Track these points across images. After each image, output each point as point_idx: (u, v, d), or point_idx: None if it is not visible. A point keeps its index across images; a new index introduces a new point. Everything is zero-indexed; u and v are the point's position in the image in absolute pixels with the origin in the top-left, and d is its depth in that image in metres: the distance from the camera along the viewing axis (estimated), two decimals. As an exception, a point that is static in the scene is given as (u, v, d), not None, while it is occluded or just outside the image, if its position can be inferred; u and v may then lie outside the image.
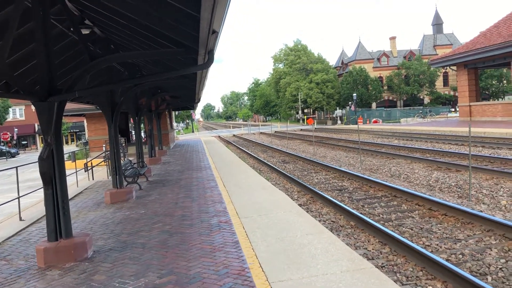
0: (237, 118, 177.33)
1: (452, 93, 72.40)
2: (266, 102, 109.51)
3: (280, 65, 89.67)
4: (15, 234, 8.66)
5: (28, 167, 26.46)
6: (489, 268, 6.14)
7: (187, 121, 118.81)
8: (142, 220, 8.79)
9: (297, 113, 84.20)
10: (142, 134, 26.43)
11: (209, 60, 6.87)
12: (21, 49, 8.02)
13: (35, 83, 8.70)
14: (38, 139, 70.91)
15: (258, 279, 5.09)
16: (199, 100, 28.67)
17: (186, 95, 23.77)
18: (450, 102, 72.23)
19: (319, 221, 9.06)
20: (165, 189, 12.65)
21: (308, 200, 11.58)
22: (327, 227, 8.48)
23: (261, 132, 54.37)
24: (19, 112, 70.06)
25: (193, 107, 43.11)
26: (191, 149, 29.51)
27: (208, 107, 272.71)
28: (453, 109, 62.64)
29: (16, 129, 63.08)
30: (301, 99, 77.15)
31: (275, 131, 50.96)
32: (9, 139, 54.66)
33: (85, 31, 8.73)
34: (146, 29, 7.51)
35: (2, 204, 9.90)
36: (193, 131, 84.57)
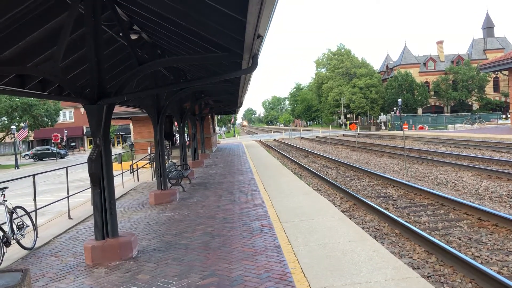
0: (278, 123, 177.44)
1: (503, 99, 69.35)
2: (307, 107, 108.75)
3: (323, 70, 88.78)
4: (64, 231, 9.01)
5: (76, 167, 27.54)
6: (544, 282, 5.81)
7: (229, 125, 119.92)
8: (185, 222, 8.93)
9: (339, 118, 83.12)
10: (186, 138, 26.88)
11: (253, 64, 6.88)
12: (73, 53, 8.35)
13: (85, 86, 9.02)
14: (86, 141, 73.67)
15: (300, 285, 5.04)
16: (241, 105, 28.85)
17: (229, 100, 23.99)
18: (501, 108, 69.18)
19: (362, 228, 8.87)
20: (208, 191, 12.79)
21: (351, 206, 11.39)
22: (370, 235, 8.29)
23: (302, 137, 54.10)
24: (68, 115, 73.13)
25: (235, 111, 43.47)
26: (233, 153, 29.74)
27: (250, 112, 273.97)
28: (504, 116, 59.99)
29: (65, 131, 65.79)
30: (343, 104, 76.08)
31: (317, 136, 50.52)
32: (59, 141, 57.04)
33: (133, 36, 9.00)
34: (191, 34, 7.64)
35: (53, 203, 10.32)
36: (234, 135, 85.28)
